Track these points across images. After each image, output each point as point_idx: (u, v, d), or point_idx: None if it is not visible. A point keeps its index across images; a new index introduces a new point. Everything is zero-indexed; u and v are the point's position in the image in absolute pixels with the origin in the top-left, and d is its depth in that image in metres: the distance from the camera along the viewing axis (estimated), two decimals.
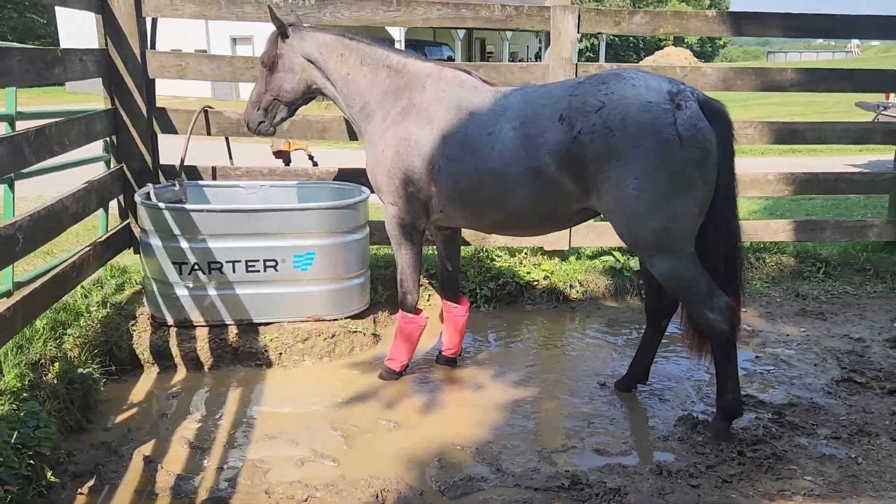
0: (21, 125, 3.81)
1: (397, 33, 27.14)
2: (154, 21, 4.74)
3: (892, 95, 11.48)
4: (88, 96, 23.68)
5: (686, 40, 55.42)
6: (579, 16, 4.91)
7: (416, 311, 4.05)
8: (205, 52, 26.17)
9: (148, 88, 4.70)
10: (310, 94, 4.02)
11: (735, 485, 3.05)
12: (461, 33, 32.12)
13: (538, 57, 45.02)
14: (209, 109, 4.83)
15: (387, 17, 4.78)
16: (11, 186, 3.59)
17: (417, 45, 28.89)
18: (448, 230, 4.11)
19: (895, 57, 51.88)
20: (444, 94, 3.63)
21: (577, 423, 3.63)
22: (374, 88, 3.80)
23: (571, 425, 3.62)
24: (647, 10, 5.13)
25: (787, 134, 5.35)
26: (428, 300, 5.10)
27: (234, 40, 29.01)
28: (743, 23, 5.03)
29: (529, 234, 3.80)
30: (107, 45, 4.55)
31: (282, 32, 3.87)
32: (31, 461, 2.88)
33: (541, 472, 3.18)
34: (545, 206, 3.39)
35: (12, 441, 2.83)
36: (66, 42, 28.47)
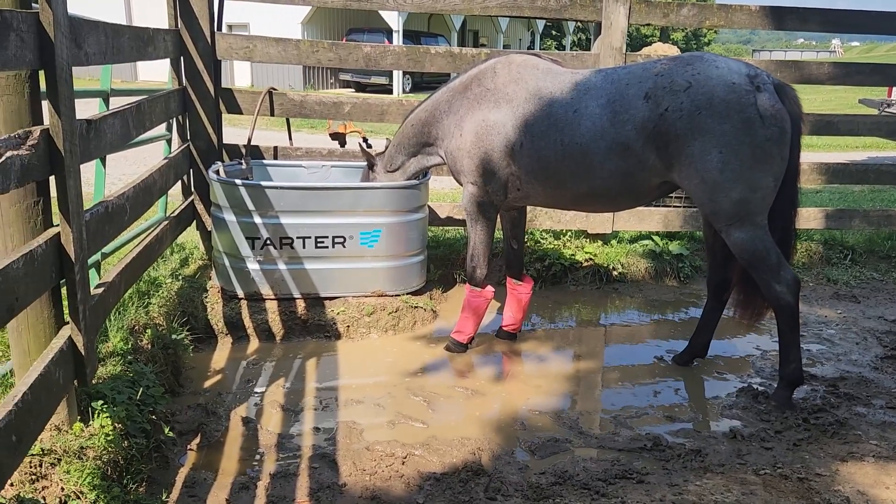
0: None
1: (395, 23, 27.19)
2: (221, 3, 4.86)
3: (894, 93, 11.79)
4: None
5: (671, 36, 55.44)
6: (630, 7, 5.10)
7: (483, 286, 4.24)
8: None
9: (216, 69, 4.82)
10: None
11: (805, 447, 3.27)
12: (457, 25, 32.20)
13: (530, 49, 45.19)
14: (273, 91, 4.97)
15: (447, 5, 4.94)
16: (103, 162, 3.72)
17: (414, 36, 28.98)
18: (515, 211, 4.30)
19: (878, 57, 52.74)
20: (519, 75, 3.82)
21: (643, 393, 3.84)
22: (440, 107, 4.10)
23: (639, 395, 3.83)
24: (694, 3, 5.33)
25: (823, 125, 5.58)
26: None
27: (231, 27, 28.89)
28: (785, 17, 5.24)
29: (607, 208, 4.01)
30: (177, 25, 4.67)
31: (370, 165, 4.60)
32: (153, 416, 3.05)
33: (621, 434, 3.39)
34: (629, 180, 3.59)
35: (137, 398, 2.99)
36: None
